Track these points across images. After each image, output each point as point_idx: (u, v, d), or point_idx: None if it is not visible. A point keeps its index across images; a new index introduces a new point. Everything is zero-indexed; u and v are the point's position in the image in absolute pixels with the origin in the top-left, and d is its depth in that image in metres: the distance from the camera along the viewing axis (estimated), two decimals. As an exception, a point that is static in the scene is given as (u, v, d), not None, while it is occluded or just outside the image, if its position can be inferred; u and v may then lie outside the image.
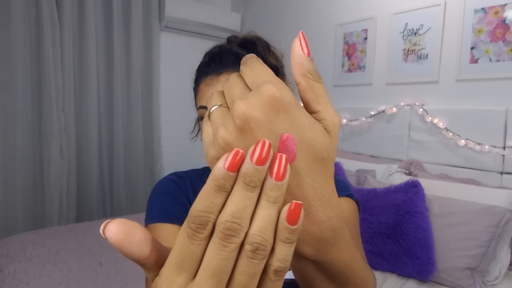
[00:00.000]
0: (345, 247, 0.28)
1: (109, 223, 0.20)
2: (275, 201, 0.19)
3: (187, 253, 0.19)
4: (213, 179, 0.19)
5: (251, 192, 0.19)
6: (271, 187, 0.19)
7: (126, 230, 0.20)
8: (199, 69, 0.66)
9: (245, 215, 0.19)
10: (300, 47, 0.24)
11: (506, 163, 1.57)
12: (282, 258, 0.20)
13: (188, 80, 0.95)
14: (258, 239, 0.19)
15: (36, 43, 2.09)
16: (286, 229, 0.19)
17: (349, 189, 0.67)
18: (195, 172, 0.72)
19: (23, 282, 1.26)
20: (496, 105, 1.61)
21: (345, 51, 2.30)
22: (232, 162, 0.19)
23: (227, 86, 0.25)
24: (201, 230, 0.19)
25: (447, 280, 1.31)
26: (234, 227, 0.19)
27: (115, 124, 2.47)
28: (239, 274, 0.19)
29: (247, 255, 0.19)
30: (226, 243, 0.19)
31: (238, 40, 0.66)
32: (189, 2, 2.70)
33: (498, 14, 1.60)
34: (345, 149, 2.27)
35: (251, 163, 0.19)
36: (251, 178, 0.19)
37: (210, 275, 0.19)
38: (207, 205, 0.19)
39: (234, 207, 0.19)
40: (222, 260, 0.19)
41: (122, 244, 0.20)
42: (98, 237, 1.68)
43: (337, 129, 0.25)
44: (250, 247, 0.19)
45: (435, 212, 1.42)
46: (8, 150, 2.04)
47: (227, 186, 0.19)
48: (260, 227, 0.19)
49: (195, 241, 0.19)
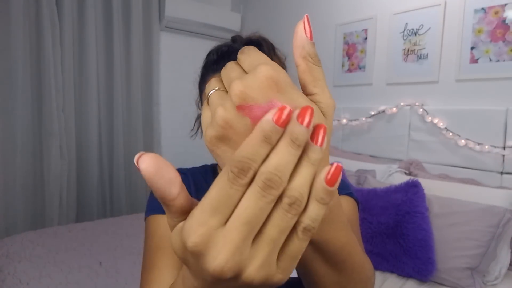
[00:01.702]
0: (341, 227, 0.29)
1: (143, 154, 0.20)
2: (314, 163, 0.20)
3: (225, 196, 0.19)
4: (261, 130, 0.19)
5: (295, 150, 0.19)
6: (314, 150, 0.20)
7: (159, 165, 0.20)
8: (206, 66, 0.66)
9: (286, 170, 0.19)
10: (304, 30, 0.25)
11: (506, 163, 1.57)
12: (314, 217, 0.20)
13: (188, 80, 0.94)
14: (296, 194, 0.19)
15: (36, 43, 2.09)
16: (324, 189, 0.20)
17: (349, 188, 0.67)
18: (198, 169, 0.72)
19: (23, 282, 1.26)
20: (496, 105, 1.61)
21: (345, 51, 2.30)
22: (279, 116, 0.19)
23: (225, 71, 0.25)
24: (242, 175, 0.19)
25: (447, 280, 1.31)
26: (275, 179, 0.19)
27: (115, 124, 2.47)
28: (271, 226, 0.20)
29: (283, 207, 0.19)
30: (265, 193, 0.19)
31: (243, 40, 0.66)
32: (189, 2, 2.70)
33: (498, 14, 1.60)
34: (345, 149, 2.27)
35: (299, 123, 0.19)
36: (298, 137, 0.19)
37: (244, 222, 0.19)
38: (252, 153, 0.19)
39: (278, 161, 0.19)
40: (258, 209, 0.19)
41: (152, 178, 0.20)
42: (98, 237, 1.68)
43: (332, 111, 0.26)
44: (288, 199, 0.19)
45: (435, 212, 1.42)
46: (8, 150, 2.04)
47: (273, 138, 0.19)
48: (299, 183, 0.20)
49: (234, 185, 0.19)
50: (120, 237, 1.69)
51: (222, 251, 0.19)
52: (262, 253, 0.20)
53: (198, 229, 0.19)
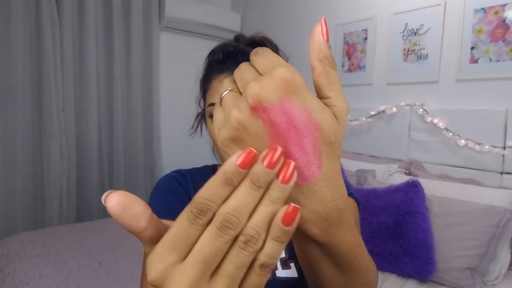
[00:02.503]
0: (349, 230, 0.29)
1: (111, 193, 0.21)
2: (276, 202, 0.20)
3: (184, 235, 0.20)
4: (223, 172, 0.20)
5: (255, 191, 0.20)
6: (276, 188, 0.20)
7: (125, 203, 0.20)
8: (211, 65, 0.65)
9: (245, 211, 0.20)
10: (321, 32, 0.25)
11: (506, 163, 1.57)
12: (270, 254, 0.21)
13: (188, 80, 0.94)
14: (252, 232, 0.20)
15: (36, 43, 2.09)
16: (279, 228, 0.20)
17: (350, 188, 0.67)
18: (198, 170, 0.72)
19: (23, 282, 1.26)
20: (496, 105, 1.61)
21: (345, 51, 2.30)
22: (244, 160, 0.20)
23: (239, 72, 0.25)
24: (201, 216, 0.20)
25: (447, 280, 1.31)
26: (233, 220, 0.19)
27: (115, 124, 2.47)
28: (228, 262, 0.20)
29: (239, 245, 0.20)
30: (222, 233, 0.20)
31: (246, 39, 0.66)
32: (189, 2, 2.70)
33: (498, 14, 1.60)
34: (345, 149, 2.27)
35: (262, 165, 0.20)
36: (259, 179, 0.20)
37: (200, 260, 0.20)
38: (212, 194, 0.20)
39: (237, 202, 0.20)
40: (214, 248, 0.20)
41: (119, 216, 0.20)
42: (98, 237, 1.68)
43: (345, 116, 0.26)
44: (243, 238, 0.20)
45: (435, 212, 1.42)
46: (8, 150, 2.04)
47: (234, 181, 0.20)
48: (256, 222, 0.20)
49: (194, 225, 0.20)
50: (120, 237, 1.69)
51: (178, 287, 0.20)
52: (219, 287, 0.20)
53: (157, 265, 0.20)
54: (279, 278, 0.59)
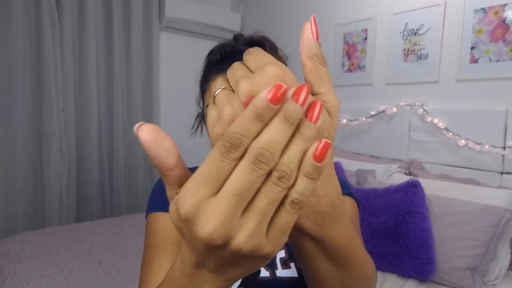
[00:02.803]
0: (344, 225, 0.29)
1: (143, 124, 0.21)
2: (307, 140, 0.20)
3: (216, 169, 0.20)
4: (254, 107, 0.19)
5: (288, 128, 0.20)
6: (306, 126, 0.20)
7: (158, 134, 0.21)
8: (209, 66, 0.65)
9: (279, 147, 0.20)
10: (311, 30, 0.25)
11: (506, 163, 1.57)
12: (301, 191, 0.21)
13: (188, 80, 0.95)
14: (285, 168, 0.20)
15: (36, 43, 2.09)
16: (311, 165, 0.20)
17: (349, 188, 0.67)
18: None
19: (23, 282, 1.26)
20: (496, 105, 1.61)
21: (345, 51, 2.30)
22: (274, 95, 0.19)
23: (231, 71, 0.26)
24: (233, 150, 0.20)
25: (447, 280, 1.31)
26: (266, 155, 0.19)
27: (115, 124, 2.47)
28: (260, 197, 0.20)
29: (272, 181, 0.20)
30: (255, 168, 0.19)
31: (245, 39, 0.66)
32: (189, 2, 2.70)
33: (498, 14, 1.60)
34: (345, 149, 2.27)
35: (294, 101, 0.20)
36: (291, 115, 0.20)
37: (234, 194, 0.20)
38: (244, 129, 0.20)
39: (271, 137, 0.20)
40: (248, 182, 0.20)
41: (150, 146, 0.21)
42: (98, 237, 1.68)
43: (336, 111, 0.26)
44: (277, 173, 0.20)
45: (435, 212, 1.42)
46: (8, 150, 2.04)
47: (265, 116, 0.20)
48: (289, 158, 0.20)
49: (226, 159, 0.20)
50: (120, 237, 1.69)
51: (212, 220, 0.20)
52: (251, 223, 0.20)
53: (190, 199, 0.20)
54: (279, 277, 0.59)
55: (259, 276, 0.59)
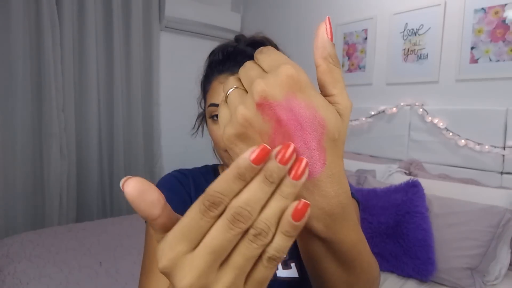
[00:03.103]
0: (353, 226, 0.29)
1: (129, 179, 0.21)
2: (287, 197, 0.21)
3: (195, 226, 0.20)
4: (236, 167, 0.20)
5: (268, 187, 0.20)
6: (287, 184, 0.21)
7: (142, 189, 0.21)
8: (211, 66, 0.65)
9: (257, 206, 0.20)
10: (325, 31, 0.25)
11: (506, 163, 1.57)
12: (279, 248, 0.21)
13: (188, 80, 0.94)
14: (262, 226, 0.20)
15: (36, 43, 2.09)
16: (289, 223, 0.21)
17: (350, 188, 0.67)
18: (199, 170, 0.72)
19: (23, 282, 1.26)
20: (496, 105, 1.61)
21: (345, 51, 2.30)
22: (258, 156, 0.20)
23: (244, 70, 0.26)
24: (213, 208, 0.20)
25: (447, 280, 1.31)
26: (244, 214, 0.20)
27: (115, 124, 2.47)
28: (237, 254, 0.21)
29: (249, 238, 0.20)
30: (233, 226, 0.20)
31: (246, 39, 0.66)
32: (189, 2, 2.70)
33: (498, 14, 1.60)
34: (345, 149, 2.26)
35: (275, 161, 0.20)
36: (272, 174, 0.20)
37: (210, 251, 0.20)
38: (224, 188, 0.20)
39: (249, 196, 0.20)
40: (225, 240, 0.20)
41: (135, 201, 0.21)
42: (98, 237, 1.68)
43: (348, 113, 0.26)
44: (253, 231, 0.20)
45: (435, 212, 1.42)
46: (8, 150, 2.04)
47: (247, 176, 0.20)
48: (267, 216, 0.20)
49: (205, 217, 0.20)
50: (120, 237, 1.69)
51: (188, 275, 0.20)
52: (227, 277, 0.21)
53: (168, 253, 0.21)
54: (279, 278, 0.59)
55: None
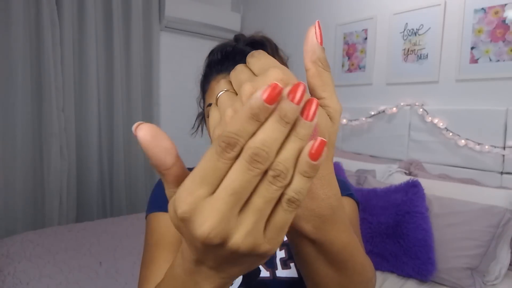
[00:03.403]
0: (343, 228, 0.30)
1: (141, 123, 0.21)
2: (303, 138, 0.20)
3: (212, 168, 0.20)
4: (249, 107, 0.20)
5: (283, 127, 0.20)
6: (302, 125, 0.20)
7: (156, 134, 0.21)
8: (210, 65, 0.65)
9: (274, 146, 0.20)
10: (315, 35, 0.26)
11: (506, 163, 1.57)
12: (298, 189, 0.21)
13: (188, 80, 0.94)
14: (281, 167, 0.20)
15: (36, 43, 2.09)
16: (307, 163, 0.20)
17: (350, 189, 0.67)
18: None
19: (23, 282, 1.26)
20: (496, 105, 1.61)
21: (345, 51, 2.30)
22: (270, 95, 0.19)
23: (234, 73, 0.26)
24: (229, 149, 0.20)
25: (447, 280, 1.31)
26: (262, 154, 0.20)
27: (115, 124, 2.47)
28: (257, 196, 0.20)
29: (269, 180, 0.20)
30: (251, 167, 0.20)
31: (246, 39, 0.66)
32: (189, 2, 2.70)
33: (498, 14, 1.60)
34: (345, 149, 2.27)
35: (288, 100, 0.20)
36: (287, 114, 0.20)
37: (231, 193, 0.20)
38: (239, 129, 0.20)
39: (265, 137, 0.20)
40: (245, 181, 0.20)
41: (148, 145, 0.21)
42: (98, 237, 1.68)
43: (338, 116, 0.27)
44: (272, 172, 0.20)
45: (435, 212, 1.42)
46: (8, 150, 2.04)
47: (261, 116, 0.20)
48: (285, 157, 0.20)
49: (222, 158, 0.20)
50: (120, 237, 1.69)
51: (208, 219, 0.20)
52: (248, 221, 0.21)
53: (187, 198, 0.20)
54: (279, 278, 0.59)
55: (259, 276, 0.59)
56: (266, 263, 0.60)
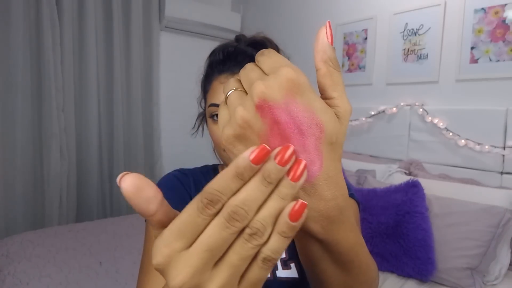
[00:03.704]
0: (350, 228, 0.30)
1: (126, 174, 0.21)
2: (284, 198, 0.21)
3: (192, 223, 0.20)
4: (235, 166, 0.20)
5: (266, 187, 0.20)
6: (285, 185, 0.21)
7: (139, 185, 0.21)
8: (211, 65, 0.65)
9: (254, 205, 0.20)
10: (326, 35, 0.26)
11: (506, 163, 1.57)
12: (274, 249, 0.21)
13: (188, 80, 0.94)
14: (258, 225, 0.20)
15: (36, 43, 2.09)
16: (286, 223, 0.21)
17: (350, 189, 0.67)
18: (199, 169, 0.73)
19: (23, 282, 1.26)
20: (496, 105, 1.61)
21: (345, 51, 2.30)
22: (258, 155, 0.20)
23: (244, 71, 0.26)
24: (210, 206, 0.20)
25: (447, 280, 1.31)
26: (241, 213, 0.20)
27: (115, 124, 2.47)
28: (232, 253, 0.21)
29: (245, 237, 0.20)
30: (229, 225, 0.20)
31: (247, 39, 0.66)
32: (189, 2, 2.70)
33: (498, 14, 1.60)
34: (345, 149, 2.26)
35: (274, 162, 0.20)
36: (270, 175, 0.20)
37: (205, 249, 0.20)
38: (223, 187, 0.20)
39: (246, 196, 0.20)
40: (220, 238, 0.20)
41: (132, 197, 0.21)
42: (98, 237, 1.68)
43: (348, 116, 0.26)
44: (249, 230, 0.20)
45: (435, 212, 1.42)
46: (8, 150, 2.04)
47: (246, 175, 0.20)
48: (264, 216, 0.20)
49: (202, 215, 0.20)
50: (120, 237, 1.69)
51: (182, 273, 0.20)
52: (221, 276, 0.21)
53: (163, 250, 0.21)
54: (279, 278, 0.59)
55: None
56: None
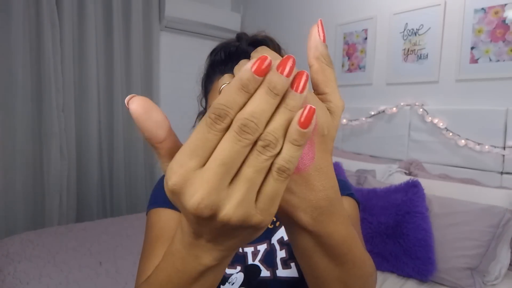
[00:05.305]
0: (341, 221, 0.30)
1: (134, 96, 0.21)
2: (292, 109, 0.21)
3: (203, 140, 0.20)
4: (239, 79, 0.20)
5: (272, 99, 0.20)
6: (292, 97, 0.21)
7: (147, 106, 0.21)
8: (213, 65, 0.65)
9: (263, 118, 0.20)
10: (318, 32, 0.26)
11: (506, 163, 1.57)
12: (288, 158, 0.21)
13: (188, 80, 0.94)
14: (270, 137, 0.20)
15: (36, 43, 2.09)
16: (296, 131, 0.21)
17: (350, 189, 0.67)
18: None
19: (23, 282, 1.26)
20: (496, 105, 1.61)
21: (345, 51, 2.30)
22: (259, 66, 0.20)
23: (238, 67, 0.27)
24: (219, 121, 0.20)
25: (447, 280, 1.31)
26: (251, 125, 0.20)
27: (115, 124, 2.47)
28: (246, 166, 0.21)
29: (258, 149, 0.21)
30: (241, 138, 0.20)
31: (248, 38, 0.66)
32: (189, 2, 2.70)
33: (498, 14, 1.60)
34: (345, 149, 2.27)
35: (278, 73, 0.20)
36: (276, 86, 0.20)
37: (220, 164, 0.20)
38: (229, 101, 0.20)
39: (254, 108, 0.20)
40: (234, 152, 0.20)
41: (140, 118, 0.21)
42: (98, 237, 1.68)
43: (340, 112, 0.27)
44: (262, 142, 0.20)
45: (435, 212, 1.42)
46: (8, 150, 2.04)
47: (250, 87, 0.20)
48: (274, 128, 0.21)
49: (212, 130, 0.20)
50: (120, 237, 1.69)
51: (199, 190, 0.20)
52: (238, 192, 0.21)
53: (178, 170, 0.20)
54: (279, 277, 0.59)
55: (259, 276, 0.59)
56: (267, 263, 0.60)
